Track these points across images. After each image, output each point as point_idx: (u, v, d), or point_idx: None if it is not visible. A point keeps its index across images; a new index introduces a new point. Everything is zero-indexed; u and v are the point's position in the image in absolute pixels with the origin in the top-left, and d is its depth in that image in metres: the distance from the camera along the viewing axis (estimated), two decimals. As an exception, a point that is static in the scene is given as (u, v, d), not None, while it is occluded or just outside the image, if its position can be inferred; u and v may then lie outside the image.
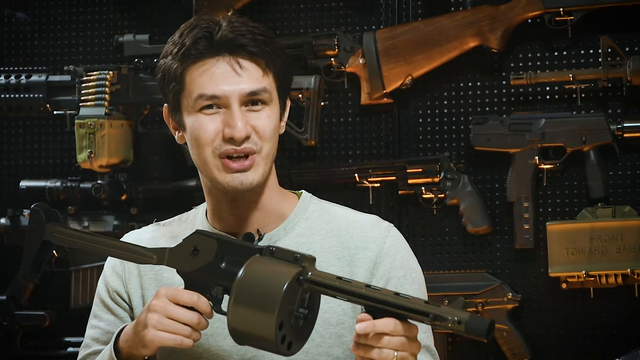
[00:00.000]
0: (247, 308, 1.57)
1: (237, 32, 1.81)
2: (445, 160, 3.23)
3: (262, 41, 1.82)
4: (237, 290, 1.58)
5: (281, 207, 1.90)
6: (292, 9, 3.43)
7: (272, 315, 1.54)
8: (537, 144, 3.14)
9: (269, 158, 1.83)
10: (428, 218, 3.29)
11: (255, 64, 1.81)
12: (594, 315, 3.14)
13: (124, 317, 1.92)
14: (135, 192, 3.37)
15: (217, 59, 1.80)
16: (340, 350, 1.85)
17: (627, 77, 3.04)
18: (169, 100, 1.86)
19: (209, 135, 1.80)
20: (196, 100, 1.81)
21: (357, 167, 3.30)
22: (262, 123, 1.81)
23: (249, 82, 1.80)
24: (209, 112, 1.81)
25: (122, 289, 1.92)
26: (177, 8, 3.45)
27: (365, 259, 1.87)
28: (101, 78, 3.25)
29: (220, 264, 1.67)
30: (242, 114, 1.79)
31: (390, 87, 3.25)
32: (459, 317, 1.50)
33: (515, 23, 3.16)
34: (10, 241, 3.41)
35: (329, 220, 1.92)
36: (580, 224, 3.08)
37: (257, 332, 1.56)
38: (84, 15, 3.59)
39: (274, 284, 1.56)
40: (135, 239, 1.96)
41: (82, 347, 1.95)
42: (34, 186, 3.42)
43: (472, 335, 1.50)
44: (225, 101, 1.79)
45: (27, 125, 3.62)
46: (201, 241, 1.70)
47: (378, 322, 1.56)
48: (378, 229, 1.91)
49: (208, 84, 1.80)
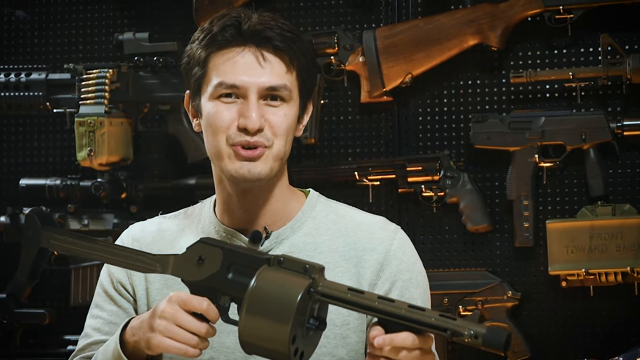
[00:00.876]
0: (259, 319, 1.55)
1: (266, 25, 1.81)
2: (445, 158, 3.23)
3: (290, 38, 1.81)
4: (249, 301, 1.56)
5: (289, 205, 1.90)
6: (292, 7, 3.43)
7: (286, 327, 1.52)
8: (537, 142, 3.13)
9: (279, 156, 1.83)
10: (428, 216, 3.29)
11: (279, 59, 1.81)
12: (594, 313, 3.14)
13: (128, 309, 1.91)
14: (135, 190, 3.37)
15: (243, 49, 1.80)
16: (344, 351, 1.86)
17: (627, 75, 3.04)
18: (190, 85, 1.86)
19: (224, 123, 1.80)
20: (216, 88, 1.80)
21: (357, 165, 3.30)
22: (277, 119, 1.81)
23: (271, 76, 1.80)
24: (227, 101, 1.81)
25: (126, 280, 1.92)
26: (177, 6, 3.45)
27: (372, 260, 1.87)
28: (101, 76, 3.25)
29: (227, 274, 1.65)
30: (259, 107, 1.79)
31: (390, 85, 3.25)
32: (475, 331, 1.50)
33: (515, 21, 3.16)
34: (9, 239, 3.41)
35: (337, 220, 1.92)
36: (580, 222, 3.08)
37: (269, 344, 1.54)
38: (84, 13, 3.59)
39: (287, 296, 1.54)
40: (139, 230, 1.96)
41: (83, 337, 1.94)
42: (33, 184, 3.42)
43: (490, 349, 1.50)
44: (244, 92, 1.79)
45: (26, 123, 3.62)
46: (206, 250, 1.68)
47: (396, 337, 1.54)
48: (386, 230, 1.91)
49: (230, 72, 1.80)
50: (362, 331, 1.88)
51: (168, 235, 1.93)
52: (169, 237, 1.93)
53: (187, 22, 3.38)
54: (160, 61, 3.23)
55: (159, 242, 1.93)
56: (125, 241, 1.96)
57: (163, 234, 1.93)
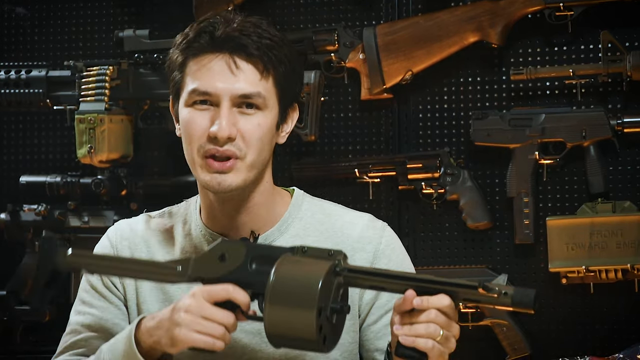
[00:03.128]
0: (283, 308, 1.53)
1: (243, 32, 1.79)
2: (445, 155, 3.23)
3: (267, 45, 1.79)
4: (271, 291, 1.55)
5: (275, 208, 1.89)
6: (292, 4, 3.42)
7: (311, 311, 1.51)
8: (537, 139, 3.13)
9: (253, 167, 1.80)
10: (428, 213, 3.29)
11: (253, 66, 1.79)
12: (594, 310, 3.14)
13: (119, 305, 1.90)
14: (135, 187, 3.37)
15: (216, 55, 1.79)
16: (337, 353, 1.86)
17: (627, 72, 3.04)
18: (171, 90, 1.86)
19: (196, 131, 1.79)
20: (190, 94, 1.80)
21: (357, 162, 3.30)
22: (250, 128, 1.79)
23: (244, 83, 1.78)
24: (201, 108, 1.80)
25: (116, 278, 1.90)
26: (177, 3, 3.45)
27: (362, 260, 1.86)
28: (101, 73, 3.25)
29: (249, 267, 1.63)
30: (231, 114, 1.78)
31: (390, 83, 3.25)
32: (505, 290, 1.50)
33: (515, 18, 3.16)
34: (10, 236, 3.41)
35: (323, 220, 1.91)
36: (580, 219, 3.08)
37: (296, 332, 1.53)
38: (84, 10, 3.59)
39: (310, 279, 1.53)
40: (127, 228, 1.95)
41: (69, 333, 1.90)
42: (34, 181, 3.41)
43: (519, 307, 1.49)
44: (217, 99, 1.78)
45: (27, 120, 3.62)
46: (229, 247, 1.66)
47: (432, 298, 1.54)
48: (373, 229, 1.91)
49: (203, 79, 1.79)
50: (354, 331, 1.88)
51: (155, 236, 1.92)
52: (157, 238, 1.93)
53: (187, 19, 3.34)
54: (160, 58, 3.22)
55: (148, 242, 1.92)
56: (112, 239, 1.94)
57: (151, 234, 1.92)
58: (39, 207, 3.36)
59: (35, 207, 3.37)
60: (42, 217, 3.35)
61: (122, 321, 1.90)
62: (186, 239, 1.91)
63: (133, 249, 1.92)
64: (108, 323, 1.88)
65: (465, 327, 3.17)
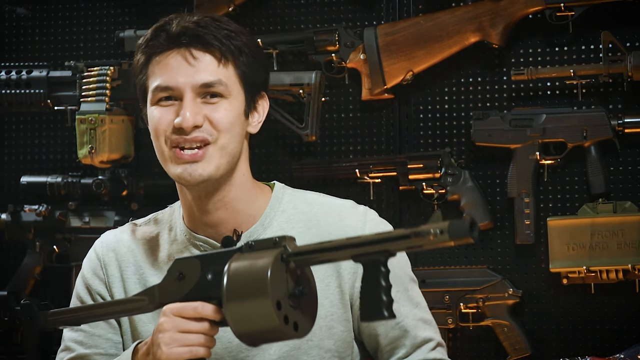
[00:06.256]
0: (240, 304, 1.55)
1: (198, 25, 1.82)
2: (446, 155, 3.23)
3: (224, 35, 1.82)
4: (226, 293, 1.57)
5: (256, 202, 1.89)
6: (293, 4, 3.42)
7: (265, 299, 1.52)
8: (537, 140, 3.13)
9: (225, 151, 1.81)
10: (429, 214, 3.28)
11: (210, 55, 1.81)
12: (595, 310, 3.14)
13: (109, 320, 1.90)
14: (136, 187, 3.37)
15: (174, 50, 1.82)
16: (331, 342, 1.86)
17: (628, 73, 3.04)
18: (138, 94, 1.88)
19: (162, 125, 1.81)
20: (154, 92, 1.83)
21: (358, 162, 3.30)
22: (218, 115, 1.80)
23: (203, 73, 1.80)
24: (166, 104, 1.82)
25: (105, 292, 1.91)
26: (178, 3, 3.45)
27: None
28: (102, 73, 3.25)
29: (207, 279, 1.65)
30: (195, 105, 1.79)
31: (391, 83, 3.25)
32: (439, 227, 1.47)
33: (516, 18, 3.16)
34: (10, 236, 3.42)
35: (306, 210, 1.91)
36: (581, 219, 3.08)
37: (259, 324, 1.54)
38: (85, 10, 3.59)
39: (259, 270, 1.54)
40: (114, 239, 1.95)
41: (64, 350, 1.92)
42: (34, 182, 3.42)
43: (459, 240, 1.46)
44: (179, 92, 1.80)
45: (27, 120, 3.62)
46: (184, 265, 1.67)
47: None
48: (356, 214, 1.91)
49: (163, 75, 1.81)
50: (347, 320, 1.88)
51: (141, 245, 1.92)
52: (143, 247, 1.93)
53: (188, 20, 3.38)
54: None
55: (134, 251, 1.93)
56: (99, 252, 1.95)
57: (137, 243, 1.93)
58: (39, 207, 3.36)
59: (36, 207, 3.37)
60: (43, 217, 3.35)
61: (114, 335, 1.91)
62: (172, 245, 1.91)
63: (120, 260, 1.93)
64: (100, 339, 1.90)
65: (466, 328, 3.18)
